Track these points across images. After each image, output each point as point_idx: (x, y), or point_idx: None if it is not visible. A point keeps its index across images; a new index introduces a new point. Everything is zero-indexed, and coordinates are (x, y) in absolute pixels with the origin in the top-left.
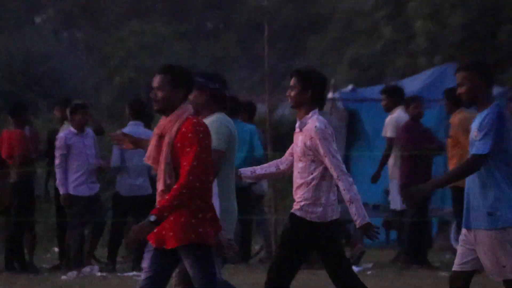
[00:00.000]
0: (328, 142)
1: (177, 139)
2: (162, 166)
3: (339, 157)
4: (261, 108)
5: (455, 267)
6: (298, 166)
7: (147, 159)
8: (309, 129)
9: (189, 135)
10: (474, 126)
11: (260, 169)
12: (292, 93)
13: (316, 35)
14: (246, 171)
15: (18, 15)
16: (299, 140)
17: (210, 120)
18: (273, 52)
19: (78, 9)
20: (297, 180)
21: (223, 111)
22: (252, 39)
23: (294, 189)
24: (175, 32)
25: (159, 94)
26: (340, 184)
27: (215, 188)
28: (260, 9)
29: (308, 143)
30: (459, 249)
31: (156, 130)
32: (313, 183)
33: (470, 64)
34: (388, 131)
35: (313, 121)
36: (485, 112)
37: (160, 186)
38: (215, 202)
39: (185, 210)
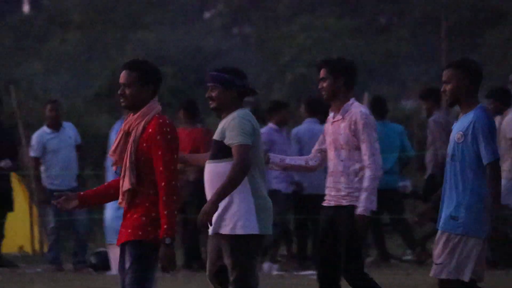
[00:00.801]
0: (370, 129)
1: (143, 139)
2: (127, 164)
3: (377, 146)
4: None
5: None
6: (340, 155)
7: (111, 154)
8: (353, 114)
9: (157, 136)
10: (457, 128)
11: (289, 159)
12: (325, 84)
13: (494, 30)
14: (275, 157)
15: (188, 11)
16: (341, 128)
17: (231, 117)
18: (450, 47)
19: (248, 4)
20: (339, 168)
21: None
22: (426, 34)
23: (333, 179)
24: (347, 26)
25: (127, 91)
26: (367, 171)
27: (247, 185)
28: (435, 3)
29: (353, 128)
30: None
31: (123, 126)
32: (360, 172)
33: (459, 62)
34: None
35: (357, 106)
36: (470, 114)
37: (125, 184)
38: (248, 199)
39: (139, 208)
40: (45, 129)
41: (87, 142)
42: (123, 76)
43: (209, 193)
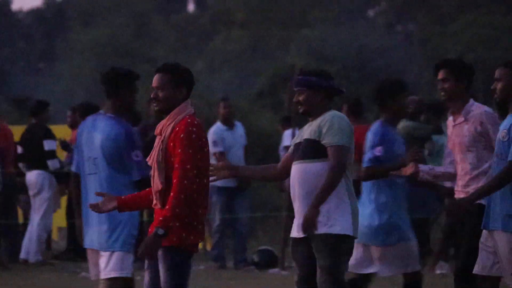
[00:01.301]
0: (497, 127)
1: (171, 139)
2: (155, 165)
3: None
4: None
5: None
6: (467, 157)
7: (148, 159)
8: (477, 115)
9: (181, 135)
10: (502, 126)
11: (438, 168)
12: (446, 86)
13: None
14: (425, 167)
15: (352, 9)
16: (465, 130)
17: (326, 117)
18: None
19: (411, 1)
20: (467, 171)
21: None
22: None
23: (461, 182)
24: None
25: (160, 94)
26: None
27: (343, 187)
28: None
29: (479, 128)
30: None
31: (156, 130)
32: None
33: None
34: None
35: (479, 107)
36: None
37: (156, 185)
38: (345, 201)
39: (179, 214)
40: (219, 125)
41: (250, 141)
42: (155, 80)
43: (298, 193)
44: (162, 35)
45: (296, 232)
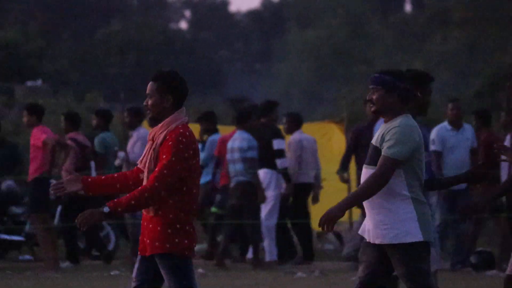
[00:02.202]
0: None
1: (162, 148)
2: (145, 172)
3: None
4: None
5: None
6: None
7: (140, 163)
8: None
9: (169, 143)
10: None
11: None
12: None
13: None
14: None
15: None
16: None
17: (393, 125)
18: None
19: None
20: None
21: (407, 113)
22: None
23: None
24: None
25: (149, 101)
26: None
27: (406, 193)
28: None
29: None
30: None
31: (149, 136)
32: None
33: None
34: None
35: None
36: None
37: None
38: (409, 207)
39: (163, 219)
40: (445, 125)
41: None
42: (148, 87)
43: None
44: (379, 35)
45: (366, 235)
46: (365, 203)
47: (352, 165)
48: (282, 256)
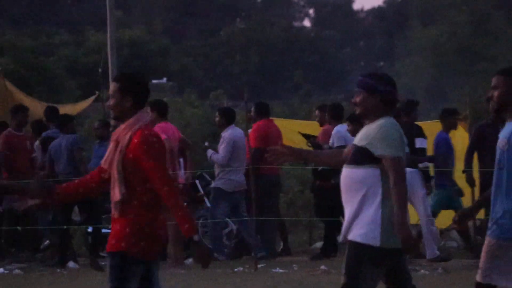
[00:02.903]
0: None
1: (129, 149)
2: (115, 175)
3: None
4: None
5: None
6: None
7: (104, 163)
8: None
9: (144, 147)
10: (502, 135)
11: None
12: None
13: None
14: None
15: None
16: None
17: (378, 125)
18: None
19: None
20: None
21: (389, 115)
22: None
23: None
24: None
25: (111, 101)
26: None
27: (378, 196)
28: None
29: None
30: None
31: (112, 136)
32: None
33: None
34: None
35: None
36: None
37: (116, 195)
38: (377, 210)
39: (125, 219)
40: None
41: None
42: (110, 88)
43: (345, 197)
44: (503, 32)
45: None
46: (345, 203)
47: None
48: None
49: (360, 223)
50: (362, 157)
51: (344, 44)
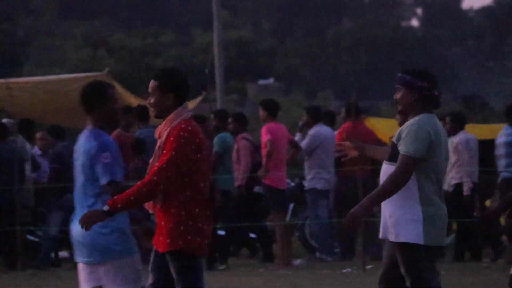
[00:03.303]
0: None
1: (165, 144)
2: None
3: None
4: None
5: None
6: None
7: (151, 164)
8: None
9: (171, 139)
10: None
11: None
12: None
13: None
14: None
15: None
16: None
17: (410, 122)
18: None
19: None
20: None
21: (431, 112)
22: None
23: None
24: None
25: (151, 99)
26: None
27: (415, 193)
28: None
29: None
30: None
31: (155, 134)
32: None
33: None
34: None
35: None
36: None
37: None
38: (416, 207)
39: (175, 216)
40: None
41: None
42: (149, 86)
43: None
44: None
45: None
46: None
47: None
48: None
49: (401, 222)
50: (394, 154)
51: (453, 44)
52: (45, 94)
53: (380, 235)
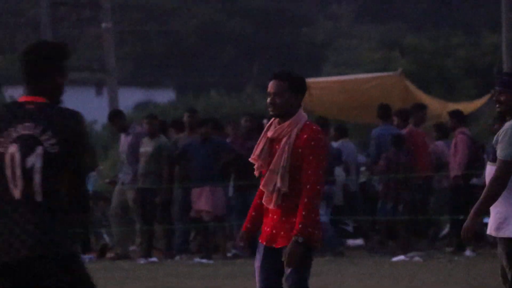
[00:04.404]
0: None
1: (298, 144)
2: (274, 169)
3: None
4: None
5: None
6: None
7: (256, 159)
8: None
9: (312, 143)
10: None
11: None
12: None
13: None
14: None
15: None
16: None
17: (508, 125)
18: None
19: None
20: None
21: None
22: None
23: None
24: None
25: (277, 99)
26: None
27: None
28: None
29: None
30: None
31: (270, 134)
32: None
33: None
34: None
35: None
36: None
37: (269, 187)
38: (509, 207)
39: (295, 210)
40: None
41: None
42: (272, 86)
43: None
44: None
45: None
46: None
47: None
48: None
49: (507, 218)
50: (494, 154)
51: None
52: (341, 93)
53: (488, 231)
